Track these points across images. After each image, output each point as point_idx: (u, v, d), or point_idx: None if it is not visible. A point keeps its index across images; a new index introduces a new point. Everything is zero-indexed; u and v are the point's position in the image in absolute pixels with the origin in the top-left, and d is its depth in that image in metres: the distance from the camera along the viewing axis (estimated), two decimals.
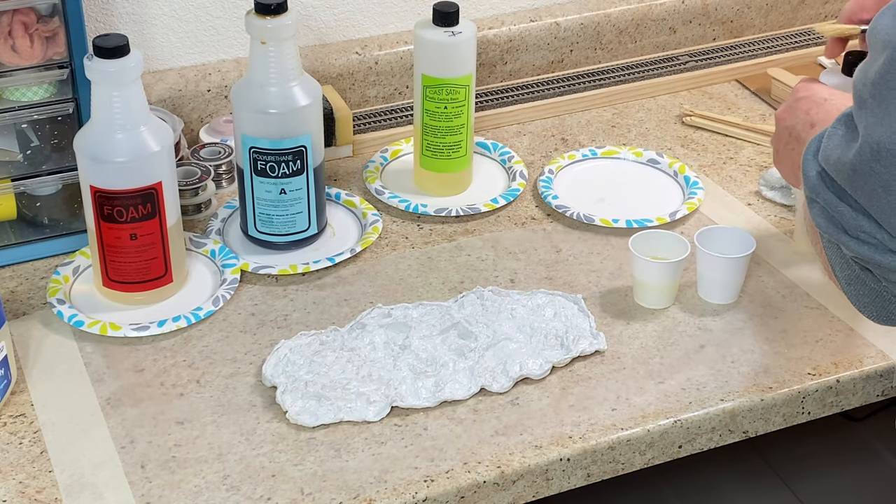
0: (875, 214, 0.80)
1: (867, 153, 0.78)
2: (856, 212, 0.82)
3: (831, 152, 0.83)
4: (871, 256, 0.82)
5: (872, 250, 0.82)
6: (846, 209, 0.82)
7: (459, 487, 1.02)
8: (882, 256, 0.81)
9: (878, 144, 0.77)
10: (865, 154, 0.78)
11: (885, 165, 0.77)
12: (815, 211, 0.85)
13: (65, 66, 1.23)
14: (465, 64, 1.35)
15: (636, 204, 1.40)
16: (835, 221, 0.84)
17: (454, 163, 1.40)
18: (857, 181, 0.80)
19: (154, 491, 1.01)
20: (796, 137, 1.08)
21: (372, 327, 1.17)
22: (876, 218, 0.80)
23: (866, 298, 0.87)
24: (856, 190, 0.80)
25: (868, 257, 0.82)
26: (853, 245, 0.83)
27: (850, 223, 0.82)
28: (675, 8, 1.70)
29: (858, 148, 0.79)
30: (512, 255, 1.31)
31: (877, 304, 0.87)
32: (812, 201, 0.85)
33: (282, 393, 1.09)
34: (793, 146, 1.09)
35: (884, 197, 0.78)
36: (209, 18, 1.50)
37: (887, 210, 0.79)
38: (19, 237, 1.29)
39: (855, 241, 0.83)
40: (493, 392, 1.11)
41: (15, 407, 1.10)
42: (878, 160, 0.77)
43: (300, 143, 1.25)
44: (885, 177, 0.77)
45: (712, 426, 1.11)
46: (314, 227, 1.31)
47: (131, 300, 1.22)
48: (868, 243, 0.82)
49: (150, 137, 1.16)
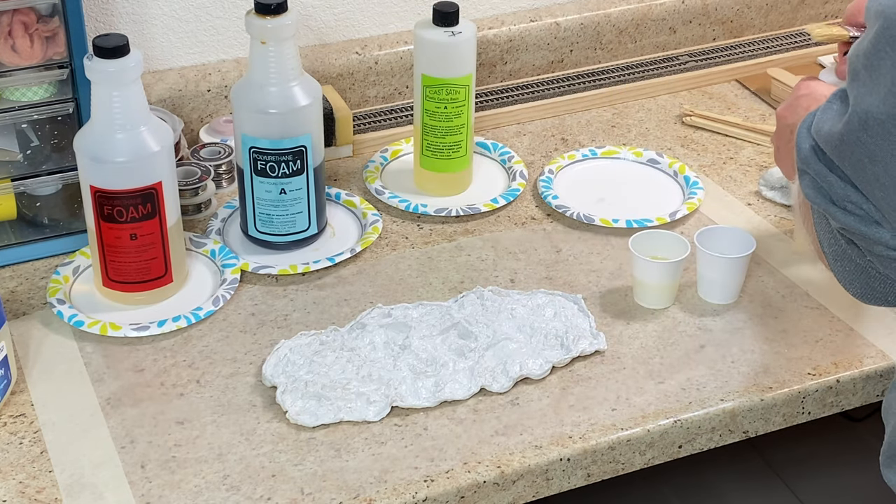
0: (860, 185, 0.80)
1: (855, 123, 0.78)
2: (844, 182, 0.82)
3: (823, 125, 0.83)
4: (856, 227, 0.82)
5: (858, 221, 0.82)
6: (835, 179, 0.82)
7: (459, 487, 1.02)
8: (867, 227, 0.82)
9: (866, 114, 0.77)
10: (854, 124, 0.78)
11: (872, 135, 0.77)
12: (806, 182, 0.85)
13: (65, 66, 1.23)
14: (465, 64, 1.35)
15: (636, 204, 1.40)
16: (823, 192, 0.84)
17: (454, 163, 1.40)
18: (844, 151, 0.80)
19: (154, 491, 1.01)
20: None
21: (372, 327, 1.17)
22: (861, 189, 0.80)
23: (851, 275, 0.88)
24: (843, 160, 0.81)
25: (854, 228, 0.82)
26: (840, 215, 0.83)
27: (838, 193, 0.82)
28: (675, 8, 1.70)
29: (847, 118, 0.79)
30: (512, 255, 1.31)
31: (861, 281, 0.87)
32: (803, 173, 0.85)
33: (282, 393, 1.09)
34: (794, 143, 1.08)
35: (869, 167, 0.78)
36: (209, 18, 1.50)
37: (872, 181, 0.79)
38: (19, 237, 1.29)
39: (842, 211, 0.83)
40: (493, 392, 1.11)
41: (15, 407, 1.10)
42: (865, 130, 0.77)
43: (300, 143, 1.25)
44: (872, 147, 0.77)
45: (712, 426, 1.11)
46: (314, 227, 1.31)
47: (131, 300, 1.22)
48: (854, 214, 0.82)
49: (150, 137, 1.16)
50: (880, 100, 0.76)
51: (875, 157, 0.78)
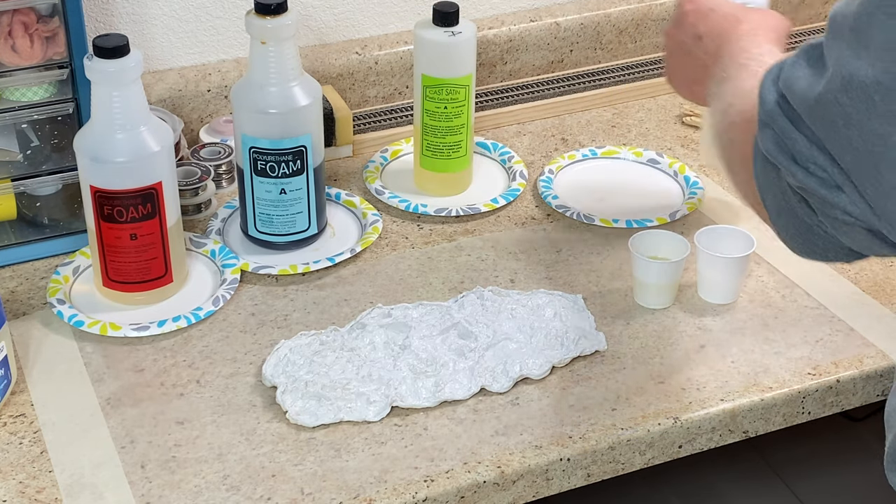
0: (830, 147, 0.79)
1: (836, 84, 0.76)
2: (810, 142, 0.80)
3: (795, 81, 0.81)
4: (816, 189, 0.81)
5: (819, 183, 0.80)
6: (800, 138, 0.81)
7: (459, 487, 1.02)
8: (828, 191, 0.80)
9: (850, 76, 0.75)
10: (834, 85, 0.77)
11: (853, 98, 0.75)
12: (767, 136, 0.84)
13: (65, 66, 1.23)
14: (465, 64, 1.35)
15: (636, 204, 1.40)
16: (785, 149, 0.82)
17: (454, 163, 1.40)
18: (819, 112, 0.79)
19: (154, 491, 1.01)
20: (686, 52, 1.10)
21: (372, 327, 1.17)
22: (830, 151, 0.79)
23: (795, 230, 0.86)
24: (815, 120, 0.79)
25: (813, 189, 0.81)
26: (801, 175, 0.81)
27: (802, 153, 0.81)
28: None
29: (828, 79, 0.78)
30: (512, 255, 1.31)
31: (804, 237, 0.86)
32: (765, 126, 0.84)
33: (282, 393, 1.09)
34: (684, 60, 1.10)
35: (843, 130, 0.77)
36: (209, 18, 1.50)
37: (844, 144, 0.77)
38: (19, 237, 1.29)
39: (803, 171, 0.81)
40: (493, 392, 1.11)
41: (15, 407, 1.10)
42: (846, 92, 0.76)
43: (300, 143, 1.25)
44: (850, 110, 0.76)
45: (712, 426, 1.11)
46: (314, 227, 1.31)
47: (131, 300, 1.22)
48: (816, 176, 0.81)
49: (150, 137, 1.16)
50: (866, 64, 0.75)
51: (851, 121, 0.76)
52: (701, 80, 1.07)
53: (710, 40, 1.06)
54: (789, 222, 0.86)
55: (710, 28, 1.07)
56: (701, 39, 1.07)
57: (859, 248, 0.84)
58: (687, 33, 1.10)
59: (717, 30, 1.06)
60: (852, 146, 0.77)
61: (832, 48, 0.78)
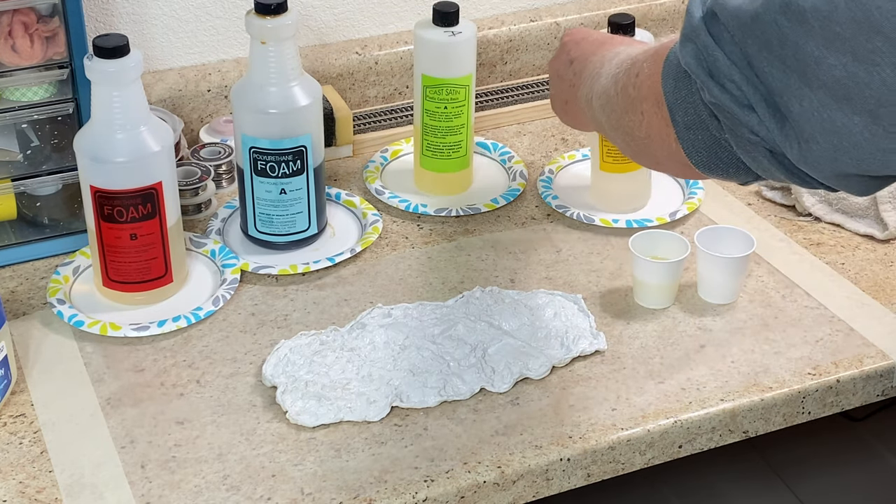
0: (758, 65, 0.80)
1: (776, 5, 0.77)
2: (730, 60, 0.82)
3: None
4: (729, 106, 0.82)
5: (732, 101, 0.82)
6: (720, 55, 0.82)
7: (459, 487, 1.02)
8: (740, 108, 0.82)
9: None
10: (774, 6, 0.78)
11: (791, 20, 0.76)
12: (688, 50, 0.85)
13: (65, 66, 1.23)
14: (465, 64, 1.35)
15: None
16: (703, 64, 0.84)
17: (454, 163, 1.40)
18: (754, 29, 0.80)
19: (154, 491, 1.01)
20: (560, 77, 1.16)
21: (372, 327, 1.17)
22: (756, 69, 0.80)
23: (701, 144, 0.88)
24: (748, 37, 0.80)
25: (726, 106, 0.83)
26: (717, 91, 0.83)
27: (721, 70, 0.82)
28: (676, 8, 1.70)
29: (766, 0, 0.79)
30: (512, 255, 1.31)
31: (710, 151, 0.88)
32: (688, 40, 0.85)
33: (282, 393, 1.09)
34: (558, 85, 1.17)
35: (777, 49, 0.78)
36: (209, 18, 1.50)
37: (775, 62, 0.79)
38: (19, 237, 1.29)
39: (719, 87, 0.83)
40: (493, 392, 1.11)
41: (15, 407, 1.10)
42: (784, 14, 0.77)
43: (300, 143, 1.25)
44: (787, 31, 0.77)
45: (712, 426, 1.11)
46: (314, 227, 1.31)
47: (131, 300, 1.22)
48: (730, 93, 0.82)
49: (150, 137, 1.16)
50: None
51: (786, 41, 0.77)
52: (570, 98, 1.14)
53: (578, 62, 1.14)
54: (697, 136, 0.88)
55: (580, 52, 1.14)
56: (571, 63, 1.14)
57: (757, 169, 0.86)
58: (561, 60, 1.17)
59: (584, 53, 1.14)
60: (784, 65, 0.78)
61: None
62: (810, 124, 0.78)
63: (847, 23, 0.73)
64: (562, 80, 1.16)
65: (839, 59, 0.75)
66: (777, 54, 0.78)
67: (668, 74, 0.90)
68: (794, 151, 0.81)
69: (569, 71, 1.15)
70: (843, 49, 0.74)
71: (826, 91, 0.76)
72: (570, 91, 1.14)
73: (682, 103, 0.89)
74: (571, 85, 1.14)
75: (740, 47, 0.81)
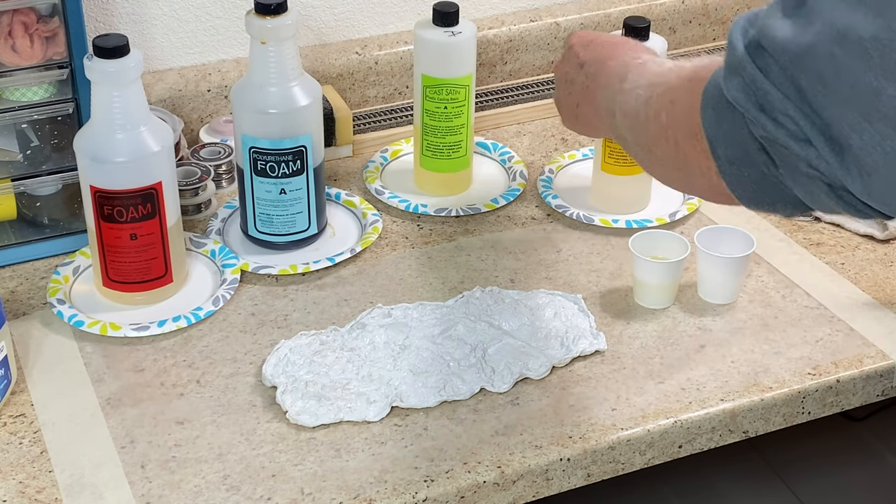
0: (812, 98, 0.77)
1: (829, 36, 0.75)
2: (782, 93, 0.79)
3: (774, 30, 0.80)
4: (784, 140, 0.80)
5: (788, 135, 0.79)
6: (771, 88, 0.79)
7: (459, 487, 1.02)
8: (796, 143, 0.79)
9: (845, 29, 0.74)
10: (827, 37, 0.75)
11: (847, 52, 0.74)
12: (734, 84, 0.82)
13: (65, 66, 1.23)
14: (465, 64, 1.35)
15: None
16: (753, 98, 0.81)
17: (454, 163, 1.40)
18: (807, 62, 0.77)
19: (154, 491, 1.01)
20: (570, 81, 1.12)
21: (372, 327, 1.17)
22: (812, 102, 0.78)
23: (747, 179, 0.85)
24: (800, 70, 0.78)
25: (782, 142, 0.80)
26: (770, 126, 0.80)
27: (774, 104, 0.79)
28: (675, 8, 1.70)
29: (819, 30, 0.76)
30: (512, 255, 1.31)
31: (756, 186, 0.85)
32: (734, 73, 0.82)
33: (282, 393, 1.09)
34: (569, 90, 1.13)
35: (832, 83, 0.76)
36: (209, 18, 1.50)
37: (832, 95, 0.76)
38: (19, 237, 1.29)
39: (773, 122, 0.80)
40: (493, 392, 1.11)
41: (15, 407, 1.10)
42: (840, 45, 0.74)
43: (300, 143, 1.25)
44: (843, 61, 0.75)
45: (712, 426, 1.11)
46: (314, 227, 1.31)
47: (131, 300, 1.22)
48: (786, 128, 0.79)
49: (150, 137, 1.16)
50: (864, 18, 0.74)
51: (842, 74, 0.75)
52: (583, 101, 1.10)
53: (591, 65, 1.10)
54: (742, 171, 0.85)
55: (592, 55, 1.10)
56: (582, 67, 1.11)
57: (812, 203, 0.84)
58: (570, 63, 1.13)
59: (597, 55, 1.10)
60: (841, 98, 0.76)
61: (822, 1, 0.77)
62: (872, 157, 0.76)
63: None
64: (572, 84, 1.12)
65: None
66: (832, 87, 0.76)
67: (707, 106, 0.86)
68: (857, 185, 0.78)
69: (580, 74, 1.11)
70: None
71: (886, 122, 0.74)
72: (582, 95, 1.10)
73: (724, 137, 0.85)
74: (585, 88, 1.10)
75: (792, 80, 0.78)
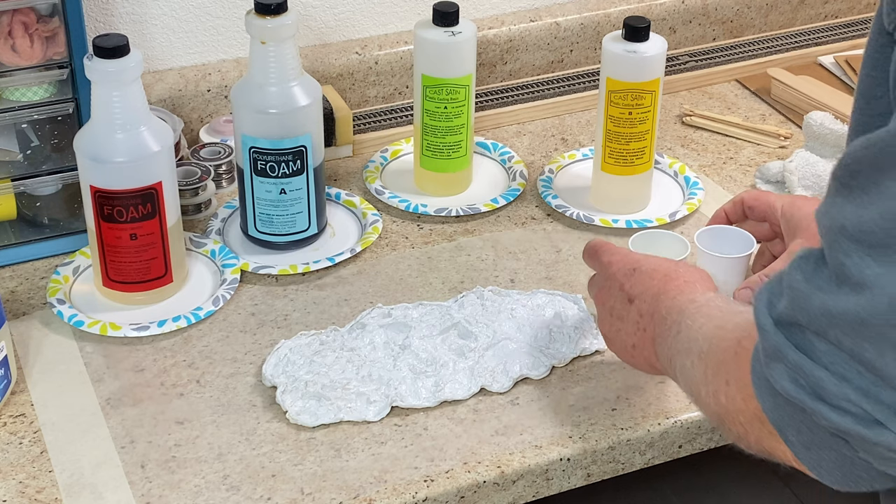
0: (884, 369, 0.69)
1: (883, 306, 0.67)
2: (837, 377, 0.70)
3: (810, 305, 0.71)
4: (854, 429, 0.70)
5: (856, 422, 0.70)
6: (825, 374, 0.71)
7: (459, 487, 1.02)
8: (867, 429, 0.70)
9: None
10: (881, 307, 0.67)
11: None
12: (779, 372, 0.73)
13: (65, 66, 1.23)
14: (465, 64, 1.35)
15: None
16: (805, 387, 0.72)
17: (454, 163, 1.40)
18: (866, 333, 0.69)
19: (154, 491, 1.01)
20: (619, 317, 1.03)
21: (372, 327, 1.17)
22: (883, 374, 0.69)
23: (831, 465, 0.75)
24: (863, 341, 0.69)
25: (851, 430, 0.70)
26: (834, 417, 0.71)
27: (830, 391, 0.70)
28: (675, 8, 1.70)
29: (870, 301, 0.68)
30: (512, 255, 1.31)
31: (843, 470, 0.75)
32: (774, 360, 0.74)
33: (282, 393, 1.09)
34: (618, 327, 1.04)
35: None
36: (209, 18, 1.50)
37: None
38: (19, 237, 1.29)
39: (836, 411, 0.71)
40: (493, 392, 1.11)
41: (15, 407, 1.10)
42: None
43: (300, 143, 1.25)
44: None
45: (712, 426, 1.11)
46: (314, 227, 1.31)
47: (131, 300, 1.22)
48: (851, 413, 0.70)
49: (150, 137, 1.16)
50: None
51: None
52: (639, 344, 1.01)
53: (641, 302, 1.01)
54: (822, 455, 0.75)
55: (639, 288, 1.01)
56: (632, 302, 1.02)
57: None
58: (615, 296, 1.04)
59: (645, 289, 1.01)
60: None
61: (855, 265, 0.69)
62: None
63: None
64: (622, 321, 1.03)
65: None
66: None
67: (761, 388, 0.76)
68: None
69: (631, 311, 1.02)
70: None
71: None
72: (638, 337, 1.01)
73: (791, 422, 0.76)
74: (641, 329, 1.00)
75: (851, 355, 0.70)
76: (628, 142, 1.34)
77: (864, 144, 0.69)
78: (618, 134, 1.33)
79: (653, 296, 1.00)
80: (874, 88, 0.75)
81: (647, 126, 1.33)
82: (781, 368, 0.73)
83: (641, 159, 1.35)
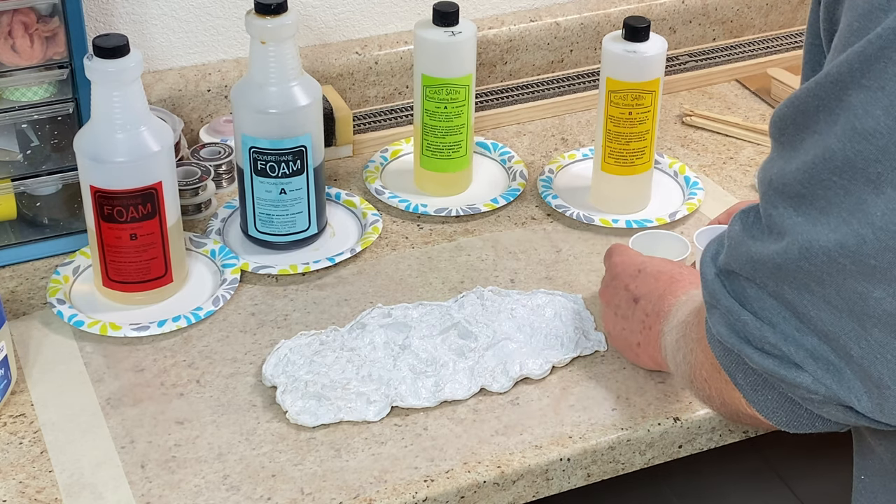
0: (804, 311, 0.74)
1: (795, 253, 0.72)
2: (759, 320, 0.76)
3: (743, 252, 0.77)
4: (775, 370, 0.76)
5: (777, 364, 0.76)
6: (749, 318, 0.76)
7: (459, 487, 1.02)
8: (787, 371, 0.76)
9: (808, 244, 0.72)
10: (793, 254, 0.72)
11: (816, 264, 0.71)
12: (715, 318, 0.79)
13: (65, 66, 1.23)
14: (465, 64, 1.35)
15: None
16: (737, 331, 0.78)
17: (454, 163, 1.40)
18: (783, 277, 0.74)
19: (154, 491, 1.01)
20: (624, 316, 1.09)
21: (372, 327, 1.17)
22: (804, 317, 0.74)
23: (775, 404, 0.81)
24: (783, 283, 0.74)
25: (773, 371, 0.76)
26: (757, 358, 0.77)
27: (753, 334, 0.76)
28: (675, 8, 1.70)
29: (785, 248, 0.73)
30: (512, 255, 1.31)
31: (786, 409, 0.81)
32: (712, 308, 0.79)
33: (282, 393, 1.09)
34: (623, 325, 1.09)
35: (818, 290, 0.72)
36: (209, 18, 1.50)
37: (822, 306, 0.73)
38: (19, 237, 1.29)
39: (759, 353, 0.77)
40: (493, 392, 1.11)
41: (15, 407, 1.10)
42: (807, 259, 0.72)
43: (300, 143, 1.25)
44: (818, 273, 0.71)
45: (712, 426, 1.11)
46: (314, 227, 1.31)
47: (131, 300, 1.22)
48: (773, 356, 0.76)
49: (150, 137, 1.16)
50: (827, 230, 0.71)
51: (824, 281, 0.71)
52: (645, 342, 1.06)
53: (648, 302, 1.05)
54: (767, 396, 0.81)
55: (644, 289, 1.06)
56: (637, 302, 1.07)
57: (839, 420, 0.79)
58: (619, 295, 1.09)
59: (651, 290, 1.05)
60: (831, 306, 0.72)
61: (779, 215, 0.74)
62: (875, 367, 0.72)
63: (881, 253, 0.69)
64: (627, 320, 1.08)
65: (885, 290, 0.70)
66: (819, 294, 0.72)
67: (712, 339, 0.83)
68: (864, 403, 0.74)
69: (637, 311, 1.07)
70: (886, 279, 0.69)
71: (881, 328, 0.71)
72: (644, 335, 1.06)
73: (738, 366, 0.82)
74: (647, 328, 1.05)
75: (776, 298, 0.75)
76: (628, 142, 1.34)
77: (787, 102, 0.74)
78: (618, 134, 1.33)
79: (658, 296, 1.04)
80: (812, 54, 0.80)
81: (647, 126, 1.33)
82: (717, 314, 0.79)
83: (641, 159, 1.35)
